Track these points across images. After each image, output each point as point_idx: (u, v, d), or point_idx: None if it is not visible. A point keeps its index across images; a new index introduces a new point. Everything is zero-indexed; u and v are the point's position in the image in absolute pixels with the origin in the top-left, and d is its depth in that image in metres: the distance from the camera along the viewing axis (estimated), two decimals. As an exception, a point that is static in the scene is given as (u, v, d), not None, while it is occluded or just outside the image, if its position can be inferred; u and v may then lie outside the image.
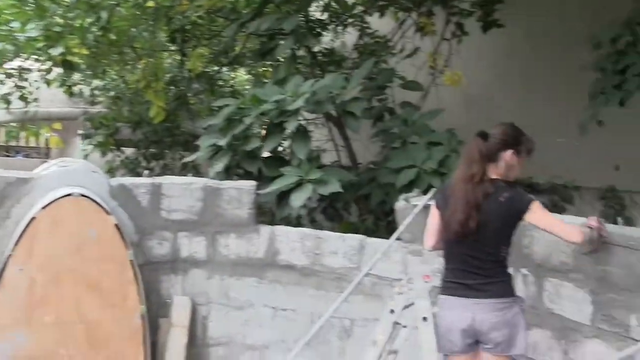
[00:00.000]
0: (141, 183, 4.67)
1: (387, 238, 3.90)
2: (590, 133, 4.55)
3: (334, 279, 4.23)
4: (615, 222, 3.16)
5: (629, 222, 5.19)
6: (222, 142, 5.04)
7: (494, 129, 3.06)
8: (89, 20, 6.34)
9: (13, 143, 14.71)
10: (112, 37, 7.09)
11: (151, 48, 7.72)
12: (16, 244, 4.12)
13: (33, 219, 4.17)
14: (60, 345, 4.20)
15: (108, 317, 4.28)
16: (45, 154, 15.67)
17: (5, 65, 7.70)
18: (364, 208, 5.57)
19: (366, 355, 3.13)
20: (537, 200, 2.96)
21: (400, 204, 4.10)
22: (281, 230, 4.51)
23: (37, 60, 7.43)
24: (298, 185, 4.68)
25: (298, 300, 4.34)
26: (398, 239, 3.86)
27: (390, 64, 6.61)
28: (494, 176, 2.98)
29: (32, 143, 14.76)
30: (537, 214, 2.92)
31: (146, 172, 7.17)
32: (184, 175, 5.27)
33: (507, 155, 2.99)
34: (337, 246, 4.28)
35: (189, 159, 6.08)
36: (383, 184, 4.99)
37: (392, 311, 3.15)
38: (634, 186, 5.98)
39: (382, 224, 5.26)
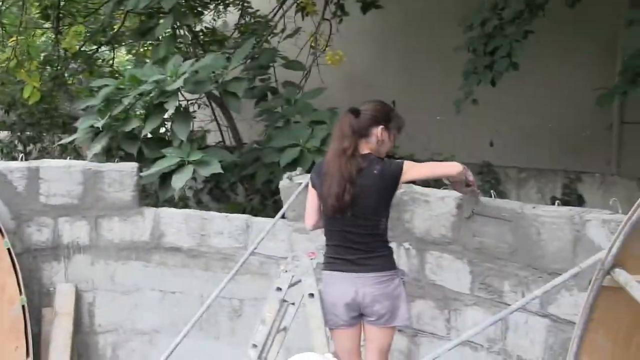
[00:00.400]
0: (16, 167, 4.35)
1: (274, 217, 3.87)
2: (467, 111, 4.72)
3: (221, 260, 4.14)
4: (490, 196, 3.29)
5: (502, 195, 5.46)
6: (100, 123, 4.79)
7: (364, 105, 3.07)
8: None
9: None
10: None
11: (22, 25, 7.18)
12: None
13: None
14: None
15: (-16, 311, 3.98)
16: None
17: None
18: (249, 188, 5.51)
19: (256, 333, 3.09)
20: (405, 160, 3.01)
21: (284, 183, 4.07)
22: (166, 212, 4.36)
23: None
24: (179, 166, 4.52)
25: (186, 282, 4.23)
26: (283, 217, 3.83)
27: (272, 44, 6.52)
28: (366, 151, 2.99)
29: None
30: (411, 170, 2.96)
31: (22, 155, 6.68)
32: (64, 159, 4.95)
33: (378, 131, 3.00)
34: (223, 226, 4.19)
35: (65, 140, 5.72)
36: (267, 164, 4.93)
37: (279, 289, 3.13)
38: (507, 161, 6.29)
39: (268, 203, 5.23)
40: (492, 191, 3.45)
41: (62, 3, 7.23)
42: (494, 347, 3.19)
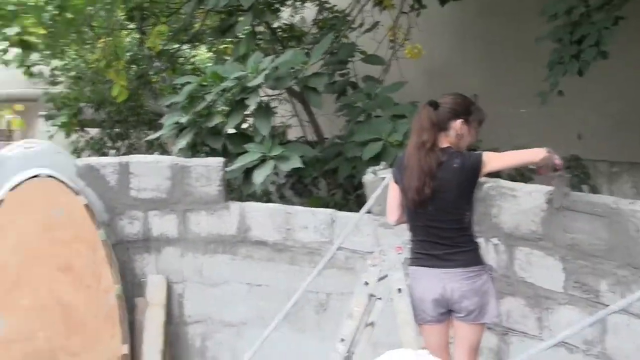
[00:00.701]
0: (108, 162, 4.51)
1: (357, 212, 3.84)
2: (552, 101, 4.53)
3: (306, 254, 4.15)
4: (580, 190, 3.13)
5: (594, 190, 5.21)
6: (185, 119, 4.90)
7: (444, 97, 2.98)
8: (42, -2, 6.08)
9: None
10: (69, 15, 6.79)
11: (109, 27, 7.43)
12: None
13: (1, 201, 3.99)
14: (38, 328, 4.07)
15: (83, 298, 4.14)
16: (7, 136, 15.06)
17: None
18: (332, 183, 5.50)
19: (343, 328, 3.07)
20: (484, 151, 2.90)
21: (368, 177, 4.03)
22: (251, 206, 4.40)
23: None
24: (261, 161, 4.57)
25: (272, 276, 4.25)
26: (368, 212, 3.80)
27: (351, 39, 6.49)
28: (445, 145, 2.91)
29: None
30: (492, 161, 2.85)
31: (113, 151, 6.94)
32: (151, 154, 5.11)
33: (457, 124, 2.91)
34: (308, 221, 4.19)
35: (152, 137, 5.90)
36: (350, 158, 4.91)
37: (366, 283, 3.10)
38: (597, 154, 6.01)
39: (350, 198, 5.20)
40: (582, 186, 3.29)
41: (145, 4, 7.42)
42: (592, 349, 3.03)
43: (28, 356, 4.07)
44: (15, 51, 7.17)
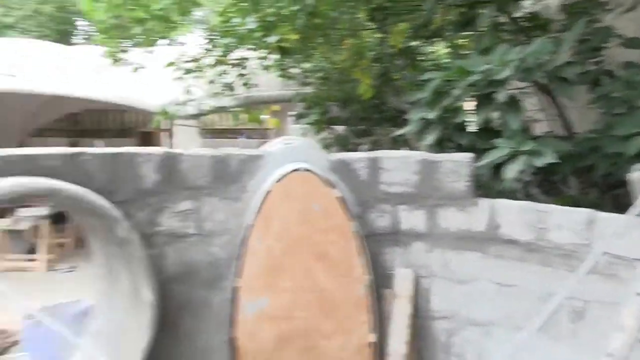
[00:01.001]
0: (360, 157, 4.60)
1: (614, 212, 3.42)
2: None
3: (560, 256, 3.81)
4: None
5: None
6: (431, 115, 4.82)
7: None
8: (295, 7, 6.46)
9: (237, 126, 15.67)
10: (317, 21, 7.16)
11: (353, 28, 7.66)
12: (256, 215, 4.30)
13: (268, 192, 4.32)
14: (296, 308, 4.34)
15: (336, 285, 4.32)
16: (262, 134, 16.50)
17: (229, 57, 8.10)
18: (585, 180, 5.02)
19: (612, 341, 2.75)
20: None
21: (635, 175, 3.56)
22: (500, 203, 4.17)
23: (254, 49, 7.75)
24: (511, 157, 4.33)
25: (522, 276, 3.99)
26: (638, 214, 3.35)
27: (606, 22, 5.84)
28: None
29: (250, 125, 15.51)
30: None
31: (364, 147, 7.15)
32: (394, 150, 5.14)
33: None
34: (562, 220, 3.84)
35: (398, 133, 5.93)
36: (608, 154, 4.42)
37: (639, 294, 2.74)
38: None
39: (606, 197, 4.70)
40: None
41: (386, 4, 7.51)
42: None
43: (287, 332, 4.37)
44: (271, 57, 7.79)
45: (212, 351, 4.46)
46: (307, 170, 4.39)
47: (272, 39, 6.66)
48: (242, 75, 8.27)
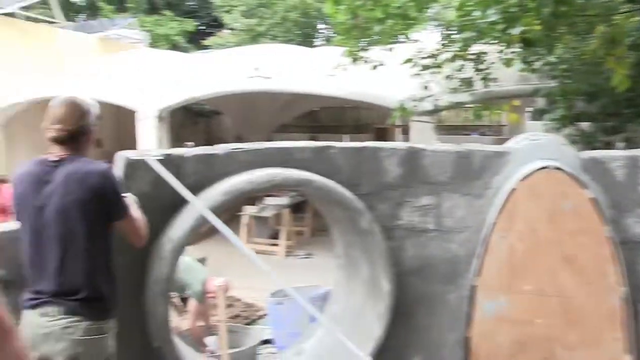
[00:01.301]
0: (616, 156, 4.18)
1: None
2: None
3: None
4: None
5: None
6: None
7: None
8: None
9: (470, 122, 15.31)
10: (564, 9, 6.63)
11: (605, 13, 6.95)
12: (499, 213, 4.14)
13: (513, 190, 4.14)
14: (537, 314, 4.10)
15: (584, 293, 3.99)
16: (496, 131, 15.91)
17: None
18: None
19: None
20: None
21: None
22: None
23: (494, 43, 7.45)
24: None
25: None
26: None
27: None
28: None
29: (481, 122, 14.98)
30: None
31: (619, 145, 6.50)
32: (651, 149, 4.55)
33: None
34: None
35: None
36: None
37: None
38: None
39: None
40: None
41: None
42: None
43: (525, 338, 4.14)
44: (510, 50, 7.40)
45: (444, 347, 4.40)
46: (557, 168, 4.11)
47: (516, 30, 6.33)
48: (479, 70, 8.02)
